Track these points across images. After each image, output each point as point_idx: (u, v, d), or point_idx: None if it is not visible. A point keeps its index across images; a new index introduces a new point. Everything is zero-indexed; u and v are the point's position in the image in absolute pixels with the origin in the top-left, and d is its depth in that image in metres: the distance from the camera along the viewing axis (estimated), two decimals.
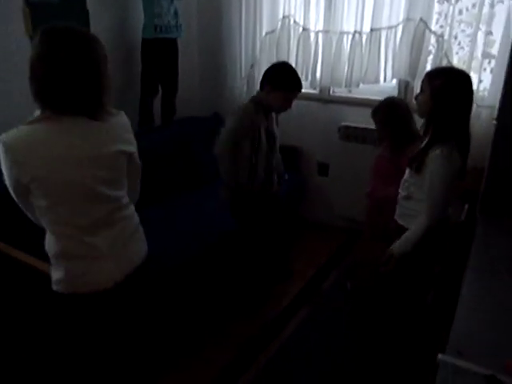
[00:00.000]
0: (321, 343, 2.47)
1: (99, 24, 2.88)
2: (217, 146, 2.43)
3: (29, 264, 1.86)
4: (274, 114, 2.57)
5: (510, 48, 1.98)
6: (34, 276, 1.76)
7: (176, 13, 3.15)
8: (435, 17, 2.93)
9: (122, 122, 1.49)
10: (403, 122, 2.37)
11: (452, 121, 1.78)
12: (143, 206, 1.78)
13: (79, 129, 1.35)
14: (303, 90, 3.48)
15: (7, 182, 1.36)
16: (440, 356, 1.19)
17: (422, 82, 1.86)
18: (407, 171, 1.96)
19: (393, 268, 1.91)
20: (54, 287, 1.48)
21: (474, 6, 2.80)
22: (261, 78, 2.53)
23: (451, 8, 2.83)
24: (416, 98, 1.91)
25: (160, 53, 3.14)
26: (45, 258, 1.51)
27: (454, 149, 1.77)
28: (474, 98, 1.85)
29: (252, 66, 3.59)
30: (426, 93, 1.81)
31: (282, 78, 2.39)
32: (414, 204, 1.90)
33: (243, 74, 3.64)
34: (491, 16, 2.73)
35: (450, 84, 1.77)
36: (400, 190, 2.00)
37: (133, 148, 1.52)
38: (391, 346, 2.17)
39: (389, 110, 2.45)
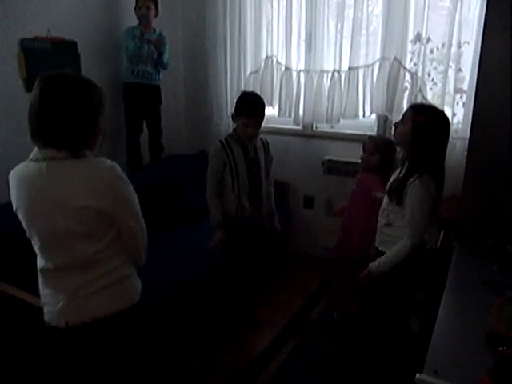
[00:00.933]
0: (309, 374, 2.49)
1: (90, 67, 3.01)
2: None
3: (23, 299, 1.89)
4: (259, 143, 2.58)
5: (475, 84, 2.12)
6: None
7: (156, 61, 3.31)
8: (409, 55, 3.10)
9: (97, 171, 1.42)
10: (392, 154, 2.52)
11: (429, 155, 1.90)
12: None
13: (59, 173, 1.37)
14: (287, 126, 3.68)
15: None
16: (418, 375, 1.24)
17: (405, 113, 1.98)
18: (385, 200, 2.07)
19: (366, 283, 2.01)
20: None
21: (443, 45, 2.99)
22: None
23: (423, 48, 3.01)
24: (395, 125, 2.03)
25: (140, 96, 3.29)
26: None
27: (430, 180, 1.88)
28: (450, 131, 1.98)
29: None
30: (407, 125, 1.92)
31: (239, 105, 2.45)
32: (395, 231, 2.00)
33: (228, 112, 3.76)
34: (459, 54, 2.92)
35: (432, 123, 1.90)
36: (380, 218, 2.09)
37: (104, 203, 1.41)
38: (375, 370, 2.22)
39: (384, 140, 2.67)
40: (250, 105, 2.42)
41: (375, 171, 2.53)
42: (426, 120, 1.89)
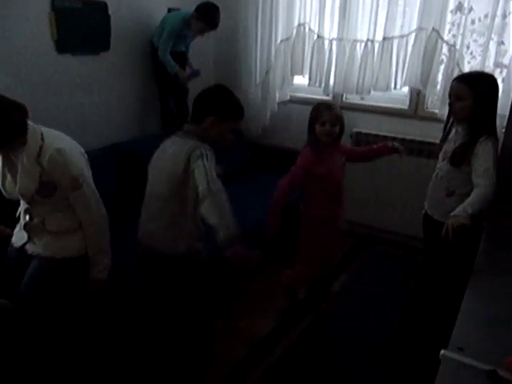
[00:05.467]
0: (330, 342, 2.52)
1: (120, 27, 3.00)
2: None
3: None
4: None
5: None
6: None
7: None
8: (448, 26, 2.99)
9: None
10: None
11: (492, 118, 1.98)
12: None
13: None
14: (316, 97, 3.61)
15: None
16: (442, 351, 1.23)
17: (457, 89, 1.98)
18: (443, 168, 2.08)
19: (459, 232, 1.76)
20: None
21: (486, 16, 2.86)
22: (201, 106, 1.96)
23: (464, 18, 2.88)
24: (451, 104, 2.04)
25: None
26: None
27: (496, 139, 1.98)
28: None
29: (267, 73, 3.67)
30: (467, 100, 1.95)
31: (227, 106, 1.94)
32: (457, 201, 1.94)
33: (258, 81, 3.71)
34: (503, 26, 2.78)
35: (490, 88, 1.97)
36: (437, 188, 2.12)
37: None
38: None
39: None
40: (240, 105, 1.99)
41: None
42: (485, 89, 1.94)
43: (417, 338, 2.32)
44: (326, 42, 3.42)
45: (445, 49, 3.02)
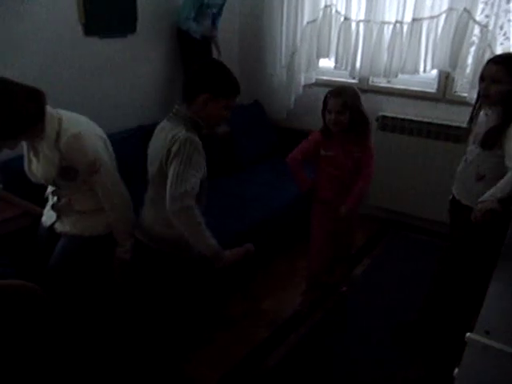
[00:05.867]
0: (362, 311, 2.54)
1: (146, 10, 3.01)
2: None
3: None
4: None
5: None
6: None
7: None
8: (480, 6, 2.88)
9: None
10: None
11: None
12: None
13: None
14: (342, 79, 3.56)
15: None
16: (468, 334, 1.23)
17: (493, 71, 1.90)
18: (472, 152, 2.03)
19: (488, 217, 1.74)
20: None
21: None
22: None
23: None
24: (487, 88, 1.94)
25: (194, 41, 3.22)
26: None
27: None
28: None
29: (292, 55, 3.63)
30: (504, 84, 1.87)
31: (223, 81, 1.78)
32: (486, 186, 1.89)
33: (283, 63, 3.68)
34: None
35: None
36: (465, 172, 2.07)
37: None
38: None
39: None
40: (235, 81, 1.81)
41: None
42: None
43: (439, 322, 2.32)
44: (353, 24, 3.36)
45: (476, 30, 2.94)
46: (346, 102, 2.23)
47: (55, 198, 2.00)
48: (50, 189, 2.03)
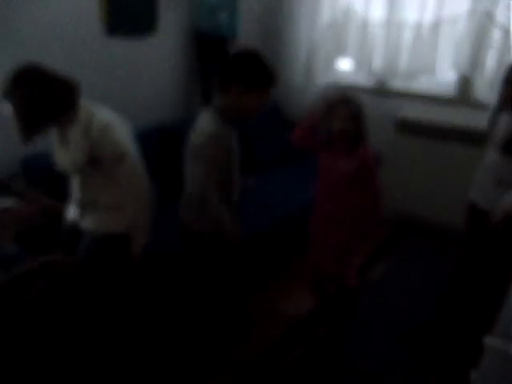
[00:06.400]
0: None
1: (166, 11, 3.04)
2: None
3: None
4: None
5: None
6: None
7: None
8: (501, 9, 2.86)
9: None
10: None
11: None
12: None
13: None
14: (360, 81, 3.55)
15: None
16: (487, 338, 1.23)
17: None
18: (493, 155, 2.02)
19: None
20: None
21: None
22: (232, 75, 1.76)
23: None
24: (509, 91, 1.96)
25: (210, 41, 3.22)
26: None
27: None
28: None
29: (311, 56, 3.63)
30: None
31: (257, 71, 1.73)
32: (505, 191, 1.89)
33: (301, 65, 3.68)
34: None
35: None
36: (486, 177, 2.06)
37: None
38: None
39: None
40: (272, 72, 1.76)
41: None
42: None
43: (454, 326, 2.31)
44: (372, 25, 3.35)
45: (497, 33, 2.91)
46: (354, 111, 2.12)
47: (79, 194, 2.03)
48: (73, 184, 2.06)
